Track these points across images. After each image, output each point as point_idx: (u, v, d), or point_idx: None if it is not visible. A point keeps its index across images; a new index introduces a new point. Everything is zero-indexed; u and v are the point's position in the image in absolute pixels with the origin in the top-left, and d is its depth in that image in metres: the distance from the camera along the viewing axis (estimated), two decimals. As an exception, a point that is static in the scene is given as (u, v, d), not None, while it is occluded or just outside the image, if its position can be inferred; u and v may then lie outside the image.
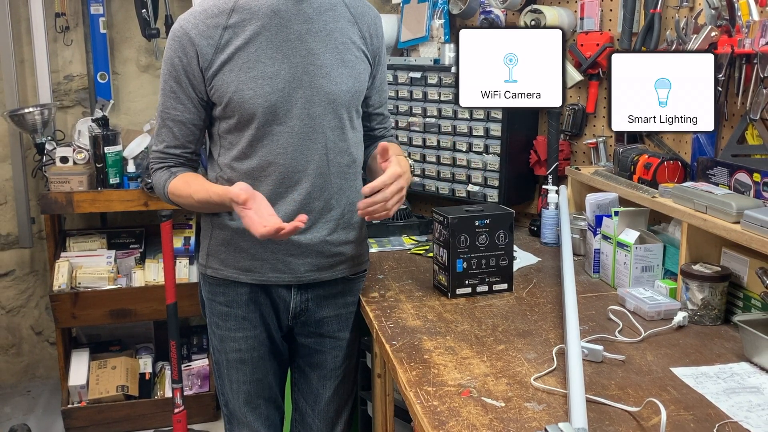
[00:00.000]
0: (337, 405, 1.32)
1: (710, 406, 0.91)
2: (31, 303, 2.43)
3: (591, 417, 0.86)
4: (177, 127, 1.17)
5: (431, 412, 0.89)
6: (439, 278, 1.33)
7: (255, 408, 1.27)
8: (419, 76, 1.79)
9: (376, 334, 1.18)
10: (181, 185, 1.17)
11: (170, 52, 1.14)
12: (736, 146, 1.25)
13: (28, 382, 2.45)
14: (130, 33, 2.30)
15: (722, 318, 1.18)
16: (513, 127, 1.69)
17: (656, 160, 1.33)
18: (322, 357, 1.29)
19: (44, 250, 2.32)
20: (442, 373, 1.00)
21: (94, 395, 2.10)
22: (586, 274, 1.43)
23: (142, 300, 2.11)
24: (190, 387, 2.20)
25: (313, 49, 1.13)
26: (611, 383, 0.97)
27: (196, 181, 1.17)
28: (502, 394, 0.93)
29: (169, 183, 1.18)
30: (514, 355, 1.05)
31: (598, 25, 1.61)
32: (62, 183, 2.03)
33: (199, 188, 1.14)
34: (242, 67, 1.11)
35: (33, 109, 2.10)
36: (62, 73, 2.29)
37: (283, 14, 1.12)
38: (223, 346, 1.25)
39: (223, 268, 1.21)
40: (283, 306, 1.24)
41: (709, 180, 1.24)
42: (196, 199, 1.15)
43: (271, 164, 1.14)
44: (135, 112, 2.35)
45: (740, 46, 1.20)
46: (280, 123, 1.13)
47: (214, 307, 1.25)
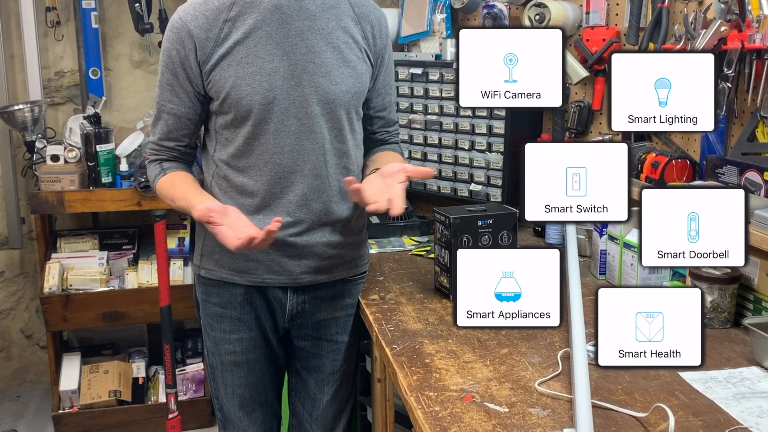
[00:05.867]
0: (336, 410, 1.30)
1: (720, 411, 0.90)
2: (21, 305, 2.40)
3: (597, 423, 0.85)
4: (172, 120, 1.16)
5: (433, 418, 0.88)
6: (441, 280, 1.31)
7: (250, 412, 1.25)
8: (420, 72, 1.77)
9: (376, 337, 1.16)
10: (167, 187, 1.15)
11: (168, 44, 1.12)
12: (746, 144, 1.24)
13: (18, 386, 2.42)
14: (123, 28, 2.27)
15: (732, 321, 1.17)
16: (517, 124, 1.67)
17: (664, 158, 1.31)
18: (320, 361, 1.26)
19: (34, 251, 2.29)
20: (443, 378, 0.99)
21: (85, 400, 2.08)
22: (592, 276, 1.42)
23: (135, 302, 2.09)
24: (185, 392, 2.17)
25: (313, 47, 1.12)
26: (618, 388, 0.96)
27: (181, 185, 1.14)
28: (505, 400, 0.92)
29: (158, 181, 1.17)
30: (517, 359, 1.04)
31: (604, 20, 1.60)
32: (53, 182, 2.01)
33: (182, 195, 1.13)
34: (240, 62, 1.09)
35: (23, 106, 2.08)
36: (53, 69, 2.26)
37: (284, 10, 1.10)
38: (218, 348, 1.23)
39: (218, 269, 1.19)
40: (279, 308, 1.22)
41: (718, 179, 1.21)
42: (178, 206, 1.14)
43: (267, 163, 1.13)
44: (128, 109, 2.33)
45: (750, 42, 1.19)
46: (278, 121, 1.12)
47: (209, 309, 1.23)
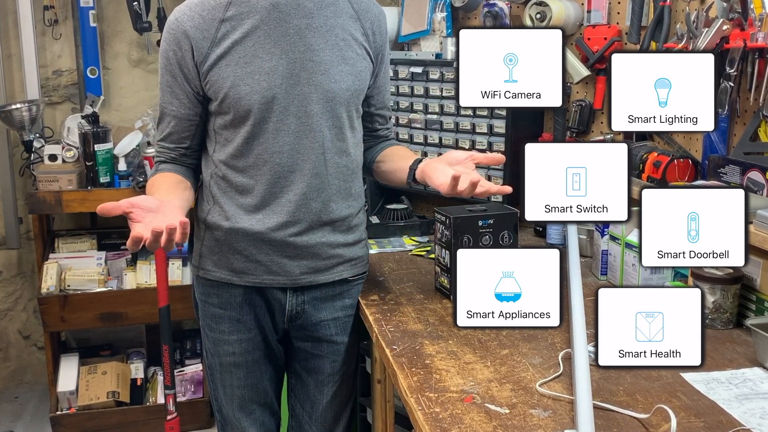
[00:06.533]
0: (335, 411, 1.29)
1: (722, 412, 0.89)
2: (19, 306, 2.39)
3: (598, 424, 0.85)
4: (174, 122, 1.16)
5: (433, 419, 0.87)
6: (441, 280, 1.30)
7: (249, 414, 1.25)
8: (420, 71, 1.77)
9: (376, 338, 1.16)
10: (149, 187, 1.15)
11: (165, 45, 1.12)
12: (748, 144, 1.23)
13: (16, 387, 2.41)
14: (121, 26, 2.26)
15: (734, 322, 1.16)
16: (518, 123, 1.66)
17: (666, 158, 1.31)
18: (319, 361, 1.26)
19: (32, 251, 2.28)
20: (444, 379, 0.98)
21: (83, 401, 2.07)
22: (594, 276, 1.41)
23: (134, 303, 2.08)
24: (184, 393, 2.17)
25: (312, 45, 1.11)
26: (619, 389, 0.95)
27: (161, 184, 1.12)
28: (506, 401, 0.92)
29: (148, 181, 1.17)
30: (518, 360, 1.04)
31: (605, 19, 1.60)
32: (51, 182, 2.00)
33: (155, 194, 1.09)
34: (239, 62, 1.09)
35: (20, 105, 2.07)
36: (51, 68, 2.26)
37: (282, 8, 1.09)
38: (217, 349, 1.22)
39: (216, 269, 1.19)
40: (278, 308, 1.21)
41: (720, 178, 1.21)
42: None
43: (266, 162, 1.12)
44: (126, 108, 2.32)
45: (753, 40, 1.18)
46: (277, 120, 1.11)
47: (208, 309, 1.22)
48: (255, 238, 1.15)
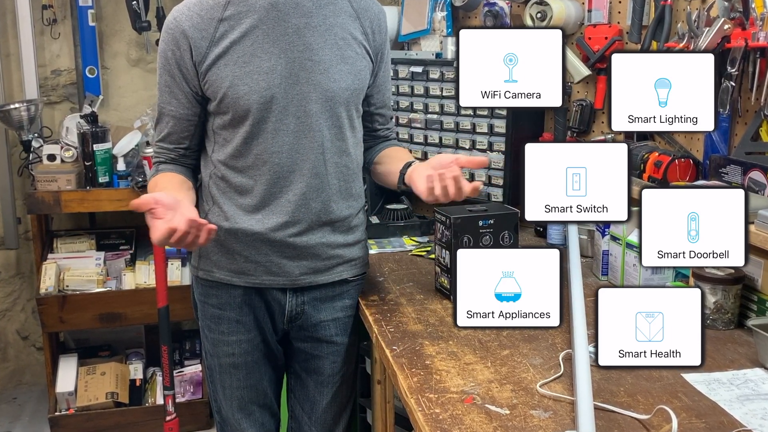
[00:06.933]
0: (335, 412, 1.28)
1: (723, 413, 0.89)
2: (17, 306, 2.39)
3: (599, 425, 0.84)
4: (172, 122, 1.15)
5: (433, 420, 0.87)
6: (441, 281, 1.30)
7: (249, 414, 1.24)
8: (420, 71, 1.76)
9: (376, 338, 1.15)
10: (151, 186, 1.15)
11: (163, 45, 1.12)
12: (749, 143, 1.23)
13: (14, 388, 2.41)
14: (120, 26, 2.26)
15: (735, 322, 1.15)
16: (518, 123, 1.66)
17: (667, 157, 1.30)
18: (319, 362, 1.25)
19: (31, 252, 2.27)
20: (444, 380, 0.98)
21: (82, 402, 2.07)
22: (594, 277, 1.41)
23: (133, 303, 2.08)
24: (183, 394, 2.16)
25: (311, 44, 1.11)
26: (620, 390, 0.95)
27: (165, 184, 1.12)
28: (506, 401, 0.92)
29: (149, 182, 1.16)
30: (519, 361, 1.03)
31: (606, 18, 1.60)
32: (49, 182, 2.00)
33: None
34: (237, 62, 1.08)
35: (19, 104, 2.07)
36: (49, 67, 2.25)
37: (281, 7, 1.09)
38: (216, 350, 1.22)
39: (216, 270, 1.18)
40: (278, 309, 1.21)
41: (721, 178, 1.21)
42: None
43: (265, 163, 1.12)
44: (125, 108, 2.32)
45: (754, 40, 1.18)
46: (276, 120, 1.10)
47: (207, 310, 1.22)
48: (254, 239, 1.15)
